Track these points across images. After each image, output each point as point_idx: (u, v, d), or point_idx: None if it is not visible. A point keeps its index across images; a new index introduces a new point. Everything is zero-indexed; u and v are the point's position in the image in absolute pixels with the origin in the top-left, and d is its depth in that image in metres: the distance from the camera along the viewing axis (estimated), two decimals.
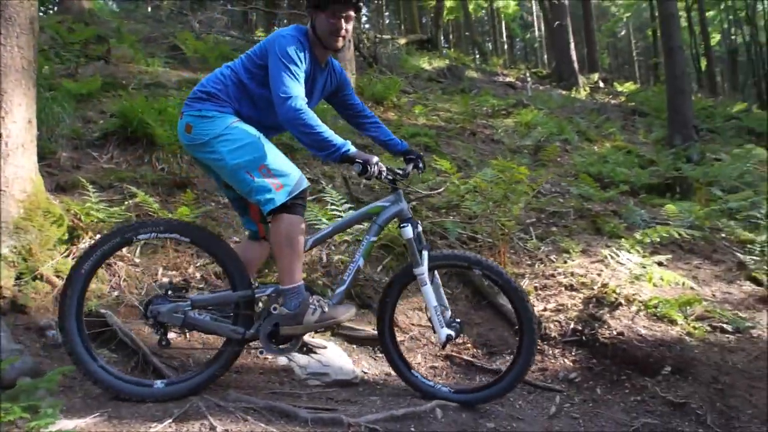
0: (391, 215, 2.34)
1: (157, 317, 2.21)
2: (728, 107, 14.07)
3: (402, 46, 16.58)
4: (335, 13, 2.14)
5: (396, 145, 2.62)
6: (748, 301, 3.48)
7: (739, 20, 27.94)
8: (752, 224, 4.62)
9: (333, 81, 2.42)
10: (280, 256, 2.15)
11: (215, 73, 2.28)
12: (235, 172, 2.11)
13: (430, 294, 2.26)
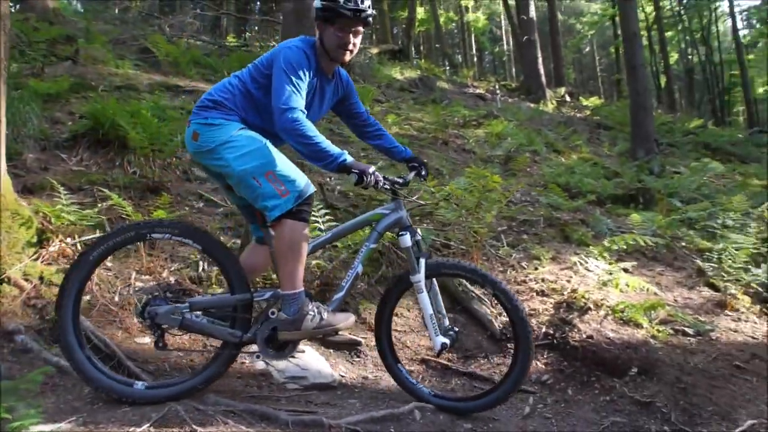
0: (391, 223, 2.36)
1: (155, 318, 2.20)
2: (686, 123, 14.71)
3: (374, 55, 16.71)
4: (344, 28, 2.16)
5: (400, 152, 2.64)
6: (707, 306, 3.67)
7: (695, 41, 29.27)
8: (710, 233, 4.84)
9: (340, 90, 2.44)
10: (282, 262, 2.15)
11: (223, 82, 2.30)
12: (241, 178, 2.11)
13: (426, 302, 2.28)
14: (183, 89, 7.09)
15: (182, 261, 3.47)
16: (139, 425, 1.91)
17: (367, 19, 2.19)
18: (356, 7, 2.13)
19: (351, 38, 2.18)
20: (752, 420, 2.33)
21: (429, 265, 2.32)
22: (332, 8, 2.13)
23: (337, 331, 2.26)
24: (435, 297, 2.37)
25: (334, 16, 2.14)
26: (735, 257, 4.05)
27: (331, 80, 2.35)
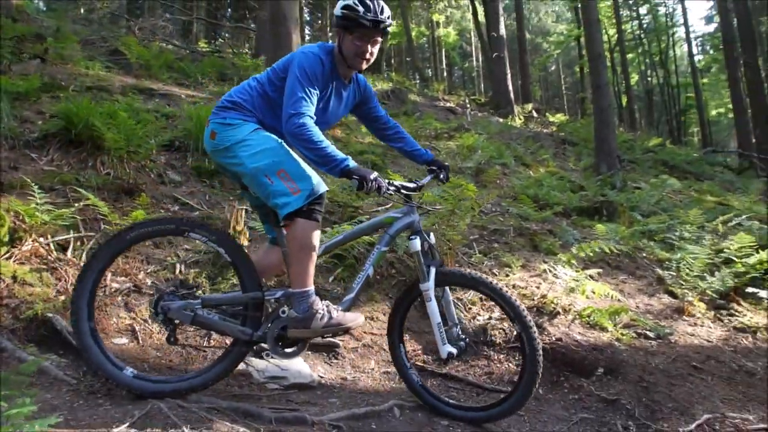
0: (403, 226, 2.37)
1: (167, 313, 2.24)
2: (646, 141, 15.36)
3: None
4: (362, 37, 2.19)
5: (421, 156, 2.66)
6: (666, 312, 3.87)
7: (655, 64, 30.63)
8: (668, 245, 5.09)
9: (358, 95, 2.48)
10: (293, 260, 2.17)
11: (243, 84, 2.34)
12: (254, 176, 2.15)
13: (434, 310, 2.27)
14: (156, 92, 7.02)
15: (159, 263, 3.45)
16: (122, 422, 1.91)
17: (386, 29, 2.22)
18: (375, 18, 2.16)
19: (369, 47, 2.22)
20: (708, 414, 2.50)
21: (440, 274, 2.30)
22: (352, 18, 2.17)
23: (345, 330, 2.26)
24: (447, 306, 2.37)
25: (353, 26, 2.18)
26: (692, 266, 4.29)
27: (348, 85, 2.39)
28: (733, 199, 8.63)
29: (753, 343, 3.50)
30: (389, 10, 2.23)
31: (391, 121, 2.66)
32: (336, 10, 2.24)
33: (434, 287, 2.27)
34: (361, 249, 4.01)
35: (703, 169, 12.99)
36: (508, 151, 9.76)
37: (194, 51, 11.92)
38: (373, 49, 2.25)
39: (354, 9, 2.17)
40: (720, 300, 4.09)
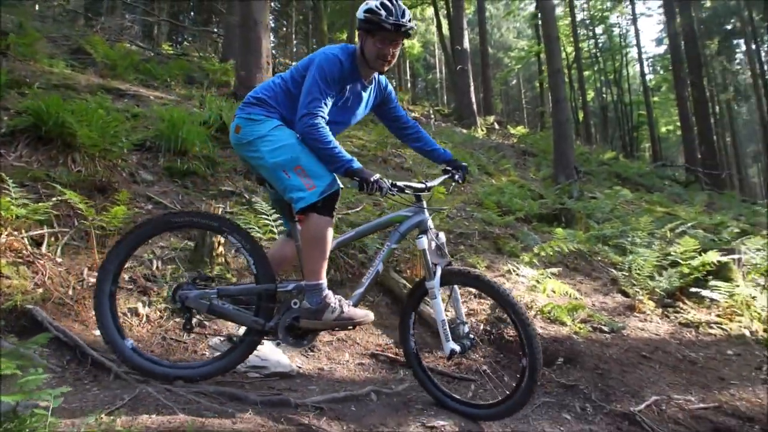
0: (412, 225, 2.41)
1: (185, 302, 2.32)
2: (601, 154, 16.10)
3: None
4: (384, 40, 2.25)
5: (440, 155, 2.71)
6: (619, 309, 4.16)
7: (609, 81, 32.03)
8: (621, 249, 5.44)
9: (378, 95, 2.55)
10: (306, 254, 2.24)
11: (268, 81, 2.43)
12: (273, 170, 2.24)
13: (438, 308, 2.31)
14: (125, 93, 6.97)
15: (135, 259, 3.49)
16: (113, 405, 1.98)
17: (408, 32, 2.28)
18: (397, 21, 2.23)
19: (390, 50, 2.28)
20: (656, 396, 2.75)
21: (445, 273, 2.34)
22: (374, 21, 2.23)
23: (355, 325, 2.32)
24: (455, 303, 2.41)
25: (375, 29, 2.24)
26: (642, 268, 4.62)
27: (369, 86, 2.45)
28: (680, 210, 9.20)
29: (696, 336, 3.81)
30: (410, 13, 2.30)
31: (411, 121, 2.72)
32: (359, 13, 2.30)
33: (440, 285, 2.31)
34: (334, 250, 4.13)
35: (653, 182, 13.73)
36: (471, 160, 10.09)
37: (159, 53, 11.80)
38: (395, 51, 2.31)
39: (376, 12, 2.23)
40: (667, 299, 4.42)
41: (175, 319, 3.04)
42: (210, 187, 4.98)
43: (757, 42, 26.79)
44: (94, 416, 1.77)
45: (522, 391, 2.23)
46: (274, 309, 2.36)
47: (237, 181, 5.29)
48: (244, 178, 5.49)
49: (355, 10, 15.08)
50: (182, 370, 2.33)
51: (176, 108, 5.91)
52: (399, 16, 2.24)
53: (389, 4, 2.24)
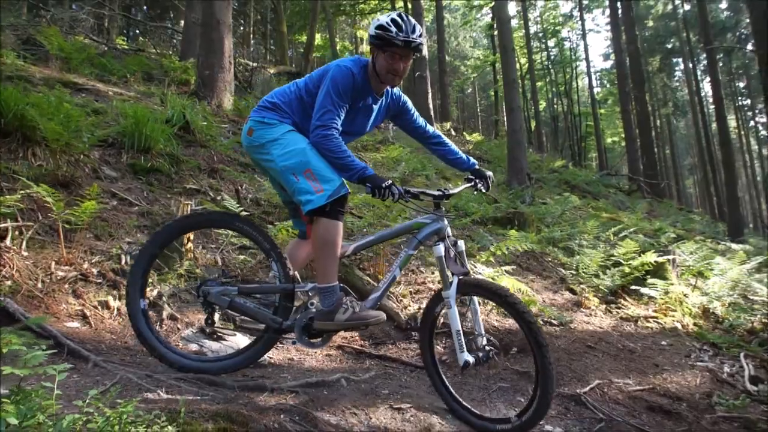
0: (431, 232, 2.41)
1: (207, 297, 2.39)
2: (551, 163, 16.82)
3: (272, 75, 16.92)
4: (394, 55, 2.31)
5: (463, 163, 2.74)
6: (567, 305, 4.48)
7: (560, 93, 33.37)
8: (569, 250, 5.81)
9: (392, 107, 2.61)
10: (317, 257, 2.30)
11: (283, 87, 2.51)
12: (283, 173, 2.30)
13: (454, 318, 2.30)
14: (82, 87, 6.84)
15: (102, 254, 3.51)
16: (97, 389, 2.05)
17: (418, 47, 2.33)
18: (407, 38, 2.28)
19: (401, 65, 2.34)
20: (599, 380, 3.03)
21: (462, 283, 2.31)
22: (385, 38, 2.28)
23: (367, 325, 2.35)
24: (474, 315, 2.40)
25: (386, 45, 2.29)
26: (588, 268, 4.97)
27: (380, 99, 2.52)
28: (623, 216, 9.81)
29: (634, 329, 4.17)
30: (420, 28, 2.35)
31: (431, 130, 2.76)
32: (370, 29, 2.37)
33: (456, 295, 2.31)
34: None
35: (599, 190, 14.49)
36: (430, 164, 10.38)
37: (114, 47, 11.51)
38: (405, 66, 2.37)
39: (387, 29, 2.29)
40: (610, 296, 4.78)
41: None
42: (175, 185, 5.00)
43: (693, 61, 28.61)
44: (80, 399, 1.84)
45: (534, 411, 2.17)
46: (293, 308, 2.43)
47: (201, 180, 5.32)
48: (209, 176, 5.53)
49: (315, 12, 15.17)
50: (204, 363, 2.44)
51: (139, 105, 5.87)
52: (409, 32, 2.29)
53: (400, 20, 2.30)
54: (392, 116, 2.67)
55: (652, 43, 31.35)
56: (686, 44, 28.30)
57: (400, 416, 2.42)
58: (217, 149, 6.23)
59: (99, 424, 1.35)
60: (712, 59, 18.87)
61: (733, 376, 3.39)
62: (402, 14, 2.34)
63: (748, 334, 4.52)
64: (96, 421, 1.38)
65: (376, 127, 2.76)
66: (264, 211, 5.15)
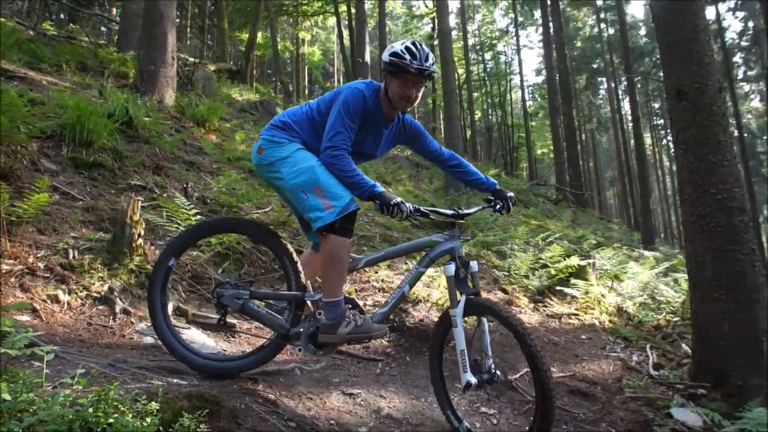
0: (443, 251, 2.42)
1: (220, 299, 2.45)
2: (485, 171, 17.56)
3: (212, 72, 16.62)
4: (407, 82, 2.35)
5: (482, 184, 2.72)
6: (500, 303, 4.84)
7: (495, 104, 34.80)
8: (502, 254, 6.24)
9: (404, 133, 2.65)
10: (324, 272, 2.33)
11: (295, 107, 2.55)
12: (292, 190, 2.35)
13: (459, 337, 2.30)
14: (13, 74, 6.53)
15: (48, 248, 3.46)
16: (60, 377, 2.11)
17: (431, 75, 2.36)
18: (421, 66, 2.31)
19: (413, 92, 2.39)
20: (527, 369, 3.38)
21: (469, 303, 2.32)
22: (400, 65, 2.32)
23: (369, 338, 2.40)
24: (481, 336, 2.38)
25: (399, 71, 2.33)
26: (519, 270, 5.39)
27: (390, 124, 2.55)
28: (550, 223, 10.51)
29: (559, 325, 4.60)
30: (433, 57, 2.38)
31: (447, 152, 2.78)
32: (384, 55, 2.41)
33: (462, 315, 2.32)
34: (247, 245, 4.37)
35: (529, 198, 15.34)
36: (370, 168, 10.65)
37: (44, 33, 10.93)
38: (418, 93, 2.42)
39: (401, 57, 2.32)
40: (537, 295, 5.22)
41: (98, 306, 3.12)
42: (119, 181, 4.94)
43: (615, 82, 30.77)
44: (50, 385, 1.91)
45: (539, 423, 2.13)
46: (302, 316, 2.48)
47: (146, 177, 5.27)
48: (154, 173, 5.48)
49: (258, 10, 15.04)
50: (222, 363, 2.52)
51: (80, 97, 5.72)
52: (423, 60, 2.33)
53: (414, 48, 2.35)
54: (406, 141, 2.70)
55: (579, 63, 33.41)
56: (610, 65, 30.41)
57: (352, 400, 2.63)
58: (162, 146, 6.16)
59: (89, 398, 1.46)
60: (631, 82, 20.44)
61: (640, 364, 3.87)
62: (416, 42, 2.38)
63: (654, 330, 5.10)
64: (85, 397, 1.48)
65: None
66: (210, 209, 5.19)
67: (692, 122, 3.39)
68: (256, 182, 6.82)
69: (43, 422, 1.26)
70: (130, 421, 1.41)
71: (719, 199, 3.25)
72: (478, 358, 2.36)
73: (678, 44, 3.52)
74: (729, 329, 3.18)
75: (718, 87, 3.40)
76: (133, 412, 1.52)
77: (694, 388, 3.24)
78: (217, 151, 7.49)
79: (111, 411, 1.43)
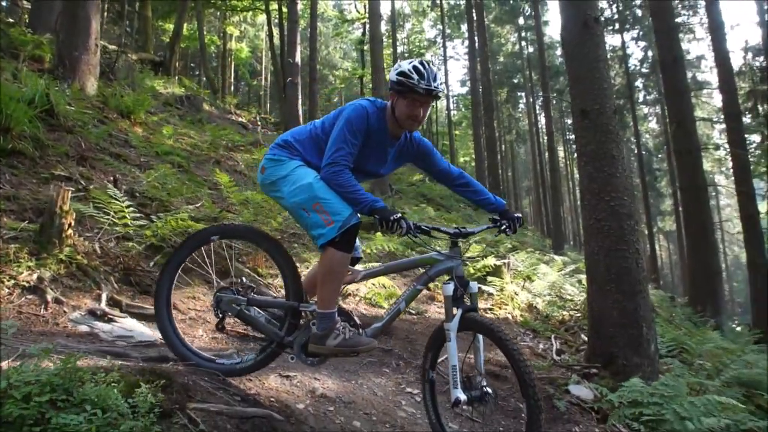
0: (441, 270, 2.40)
1: (219, 303, 2.48)
2: (410, 176, 18.19)
3: (134, 62, 15.95)
4: (415, 102, 2.32)
5: (489, 204, 2.66)
6: (422, 298, 5.22)
7: None
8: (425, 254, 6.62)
9: (411, 151, 2.61)
10: (320, 285, 2.30)
11: (301, 126, 2.57)
12: (293, 209, 2.36)
13: (452, 351, 2.25)
14: None
15: None
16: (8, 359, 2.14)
17: (438, 94, 2.34)
18: (428, 86, 2.28)
19: (420, 111, 2.36)
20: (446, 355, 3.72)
21: (464, 319, 2.29)
22: (407, 85, 2.29)
23: (357, 352, 2.38)
24: (476, 353, 2.35)
25: (407, 91, 2.30)
26: None
27: (396, 143, 2.52)
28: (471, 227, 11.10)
29: None
30: (442, 76, 2.38)
31: (456, 171, 2.73)
32: (391, 74, 2.37)
33: (457, 329, 2.28)
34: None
35: (451, 203, 16.06)
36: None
37: None
38: (425, 112, 2.39)
39: (409, 76, 2.29)
40: None
41: (27, 296, 3.09)
42: (40, 171, 4.77)
43: (533, 97, 32.74)
44: None
45: None
46: (297, 325, 2.48)
47: (70, 167, 5.12)
48: (78, 164, 5.32)
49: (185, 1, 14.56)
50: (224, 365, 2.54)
51: None
52: (431, 80, 2.30)
53: (422, 68, 2.31)
54: (414, 159, 2.67)
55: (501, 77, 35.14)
56: (529, 81, 32.33)
57: (289, 382, 2.82)
58: (86, 136, 5.97)
59: (56, 366, 1.56)
60: (547, 99, 21.93)
61: (545, 351, 4.35)
62: (423, 62, 2.34)
63: (559, 323, 5.67)
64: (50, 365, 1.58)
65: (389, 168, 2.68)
66: (139, 203, 5.13)
67: (593, 138, 3.92)
68: (187, 177, 6.77)
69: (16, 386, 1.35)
70: (96, 389, 1.53)
71: (612, 205, 3.77)
72: (471, 375, 2.32)
73: (582, 71, 4.04)
74: (617, 317, 3.71)
75: (614, 109, 3.95)
76: (94, 383, 1.64)
77: (588, 369, 3.74)
78: (146, 145, 7.32)
79: (76, 380, 1.54)
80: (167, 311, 2.55)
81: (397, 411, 2.93)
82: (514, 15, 31.44)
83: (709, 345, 5.13)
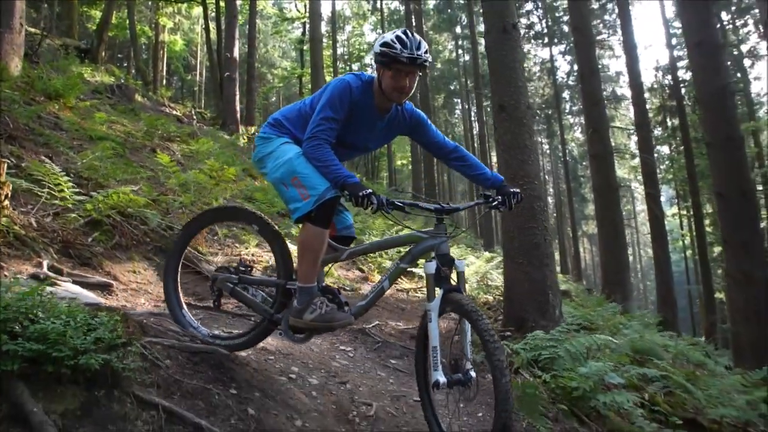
0: (426, 247, 2.32)
1: (215, 281, 2.59)
2: None
3: (58, 47, 15.29)
4: (400, 72, 2.29)
5: (486, 179, 2.60)
6: (357, 279, 5.57)
7: None
8: (358, 240, 6.98)
9: (404, 123, 2.57)
10: (299, 259, 2.35)
11: (292, 105, 2.62)
12: (275, 184, 2.43)
13: (433, 333, 2.17)
14: None
15: None
16: None
17: (423, 63, 2.30)
18: (412, 54, 2.25)
19: (407, 82, 2.33)
20: (377, 321, 4.07)
21: (445, 299, 2.20)
22: (390, 55, 2.26)
23: (332, 328, 2.45)
24: (462, 336, 2.25)
25: (391, 62, 2.28)
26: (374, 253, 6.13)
27: (386, 116, 2.50)
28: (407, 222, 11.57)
29: (406, 297, 5.43)
30: (426, 45, 2.34)
31: (451, 144, 2.68)
32: (375, 47, 2.36)
33: (438, 310, 2.20)
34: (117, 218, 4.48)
35: None
36: (238, 161, 10.79)
37: None
38: (411, 83, 2.35)
39: (392, 46, 2.26)
40: None
41: None
42: None
43: (469, 104, 34.05)
44: None
45: None
46: (287, 303, 2.52)
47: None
48: (6, 143, 5.22)
49: None
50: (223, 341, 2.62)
51: None
52: (414, 48, 2.27)
53: (404, 37, 2.29)
54: (408, 132, 2.65)
55: (438, 83, 36.24)
56: (465, 88, 33.58)
57: None
58: (14, 116, 5.83)
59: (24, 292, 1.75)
60: (480, 104, 23.00)
61: None
62: (407, 31, 2.33)
63: (483, 304, 6.18)
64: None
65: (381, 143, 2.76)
66: (75, 183, 5.11)
67: (508, 129, 4.42)
68: (123, 162, 6.73)
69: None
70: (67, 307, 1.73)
71: (525, 189, 4.27)
72: (457, 357, 2.23)
73: (501, 70, 4.53)
74: (527, 286, 4.22)
75: (528, 105, 4.47)
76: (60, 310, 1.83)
77: (503, 332, 4.21)
78: (78, 129, 7.19)
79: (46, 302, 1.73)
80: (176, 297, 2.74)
81: (331, 362, 3.23)
82: (451, 23, 32.58)
83: (609, 316, 5.83)
